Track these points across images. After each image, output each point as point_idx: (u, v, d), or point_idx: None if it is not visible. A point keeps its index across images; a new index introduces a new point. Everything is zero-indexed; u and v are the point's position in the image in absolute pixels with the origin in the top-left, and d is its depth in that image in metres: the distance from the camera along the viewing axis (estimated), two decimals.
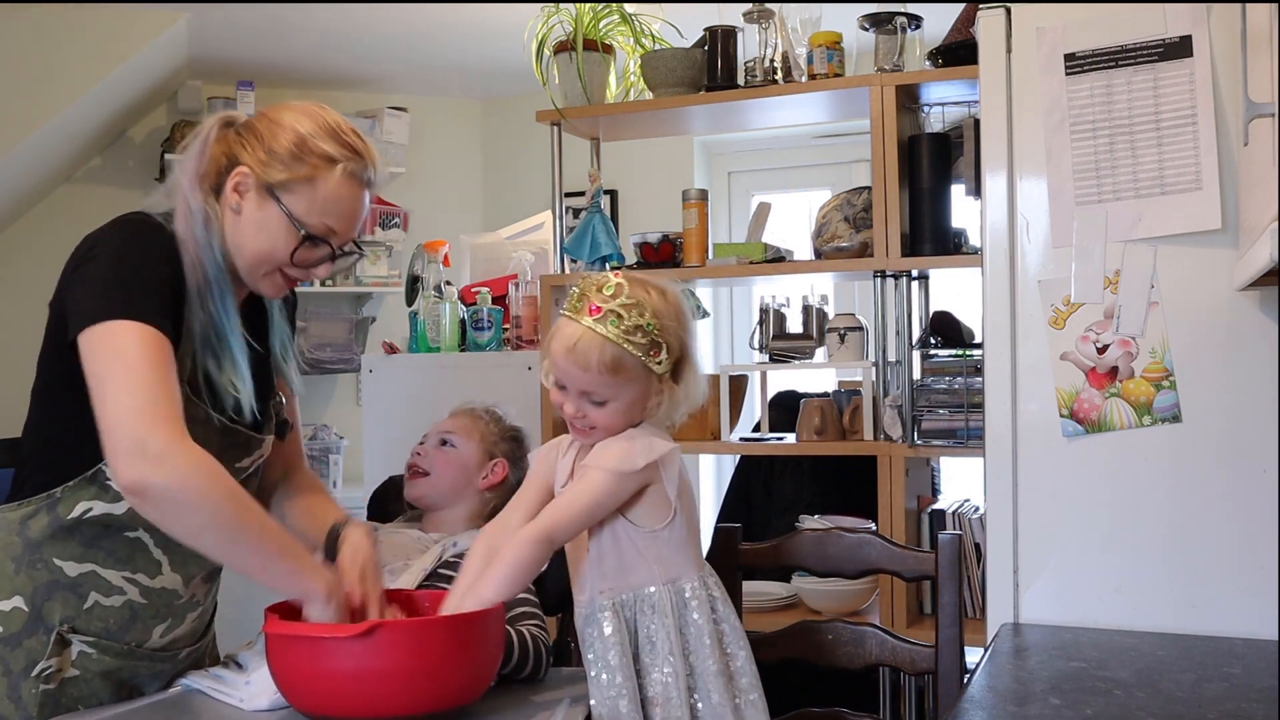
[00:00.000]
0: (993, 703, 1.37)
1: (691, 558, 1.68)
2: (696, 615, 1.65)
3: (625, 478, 1.60)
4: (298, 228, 1.64)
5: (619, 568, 1.65)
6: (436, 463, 2.12)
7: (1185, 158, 1.66)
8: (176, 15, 3.97)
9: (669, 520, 1.64)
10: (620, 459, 1.60)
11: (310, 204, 1.64)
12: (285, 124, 1.66)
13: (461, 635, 1.56)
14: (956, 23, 2.74)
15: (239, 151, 1.66)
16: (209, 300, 1.62)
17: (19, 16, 3.82)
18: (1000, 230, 1.78)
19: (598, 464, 1.62)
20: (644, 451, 1.60)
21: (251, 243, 1.65)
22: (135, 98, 4.44)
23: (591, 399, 1.62)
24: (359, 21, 4.13)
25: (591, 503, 1.61)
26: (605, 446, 1.64)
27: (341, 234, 1.68)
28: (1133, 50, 1.69)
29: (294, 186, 1.64)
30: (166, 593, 1.68)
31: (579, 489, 1.63)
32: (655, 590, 1.64)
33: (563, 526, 1.62)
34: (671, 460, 1.63)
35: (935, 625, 1.90)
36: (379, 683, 1.49)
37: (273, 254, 1.66)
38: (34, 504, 1.62)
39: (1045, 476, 1.74)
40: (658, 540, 1.64)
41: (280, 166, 1.63)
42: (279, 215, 1.64)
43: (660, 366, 1.62)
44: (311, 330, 4.75)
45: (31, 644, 1.61)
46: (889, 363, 2.79)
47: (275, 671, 1.56)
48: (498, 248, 3.67)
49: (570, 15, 3.06)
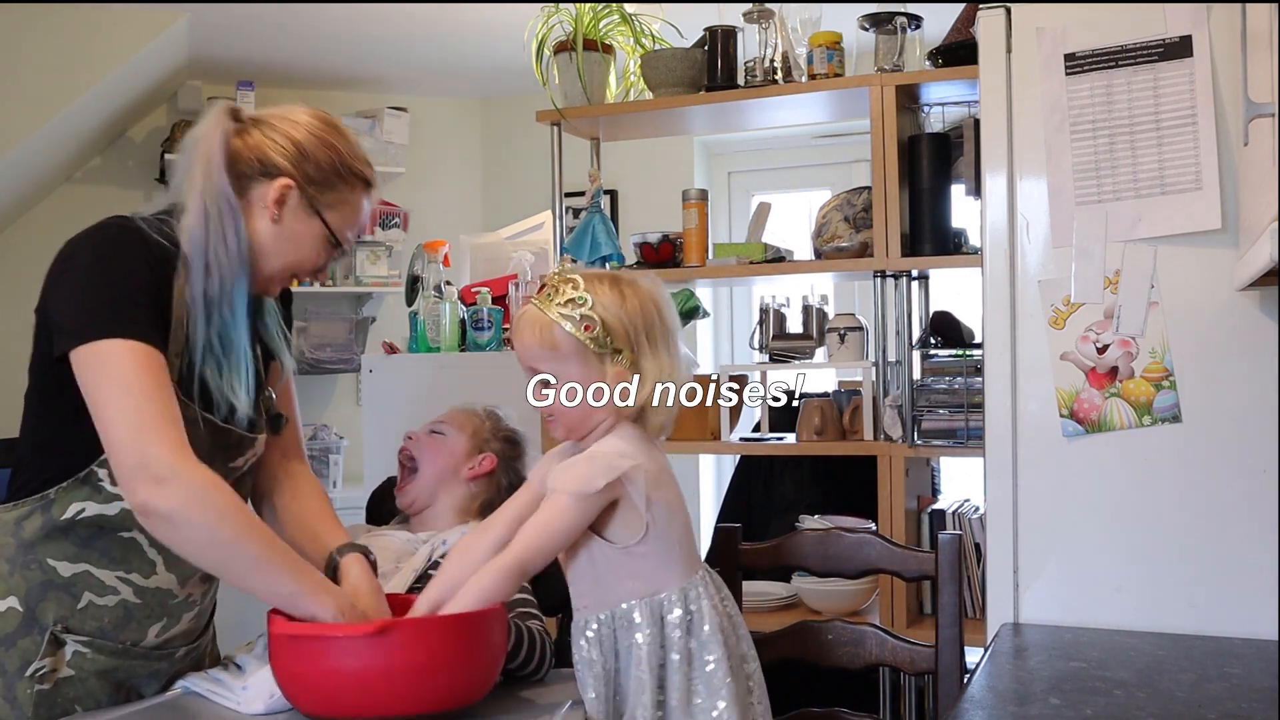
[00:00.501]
0: (993, 703, 1.37)
1: (675, 569, 1.65)
2: (675, 629, 1.62)
3: (587, 499, 1.59)
4: (334, 243, 1.71)
5: (596, 585, 1.64)
6: (425, 451, 2.12)
7: (1185, 158, 1.66)
8: (176, 15, 3.97)
9: (641, 535, 1.62)
10: (580, 481, 1.59)
11: (344, 220, 1.71)
12: (320, 137, 1.68)
13: (471, 633, 1.56)
14: (956, 23, 2.74)
15: (274, 158, 1.65)
16: (222, 306, 1.62)
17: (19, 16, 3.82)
18: (1000, 230, 1.78)
19: (560, 487, 1.60)
20: (604, 471, 1.58)
21: (285, 253, 1.69)
22: (135, 98, 4.44)
23: (541, 377, 1.65)
24: (359, 21, 4.14)
25: (559, 529, 1.60)
26: (566, 467, 1.62)
27: (351, 240, 1.76)
28: (1133, 50, 1.69)
29: (336, 204, 1.70)
30: (161, 592, 1.68)
31: (545, 516, 1.61)
32: (630, 608, 1.63)
33: (533, 557, 1.61)
34: (636, 476, 1.60)
35: (935, 625, 1.90)
36: (390, 682, 1.49)
37: (302, 264, 1.71)
38: (28, 505, 1.62)
39: (1045, 476, 1.74)
40: (633, 556, 1.62)
41: (326, 185, 1.68)
42: (319, 230, 1.69)
43: (599, 346, 1.61)
44: (311, 330, 4.75)
45: (26, 644, 1.60)
46: (889, 363, 2.79)
47: (281, 673, 1.56)
48: (498, 248, 3.67)
49: (570, 15, 3.06)
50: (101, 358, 1.51)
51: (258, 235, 1.66)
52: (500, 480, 2.13)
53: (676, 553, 1.66)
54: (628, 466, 1.60)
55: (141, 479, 1.49)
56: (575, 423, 1.65)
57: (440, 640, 1.54)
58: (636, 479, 1.60)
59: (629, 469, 1.60)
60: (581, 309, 1.61)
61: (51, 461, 1.62)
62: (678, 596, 1.64)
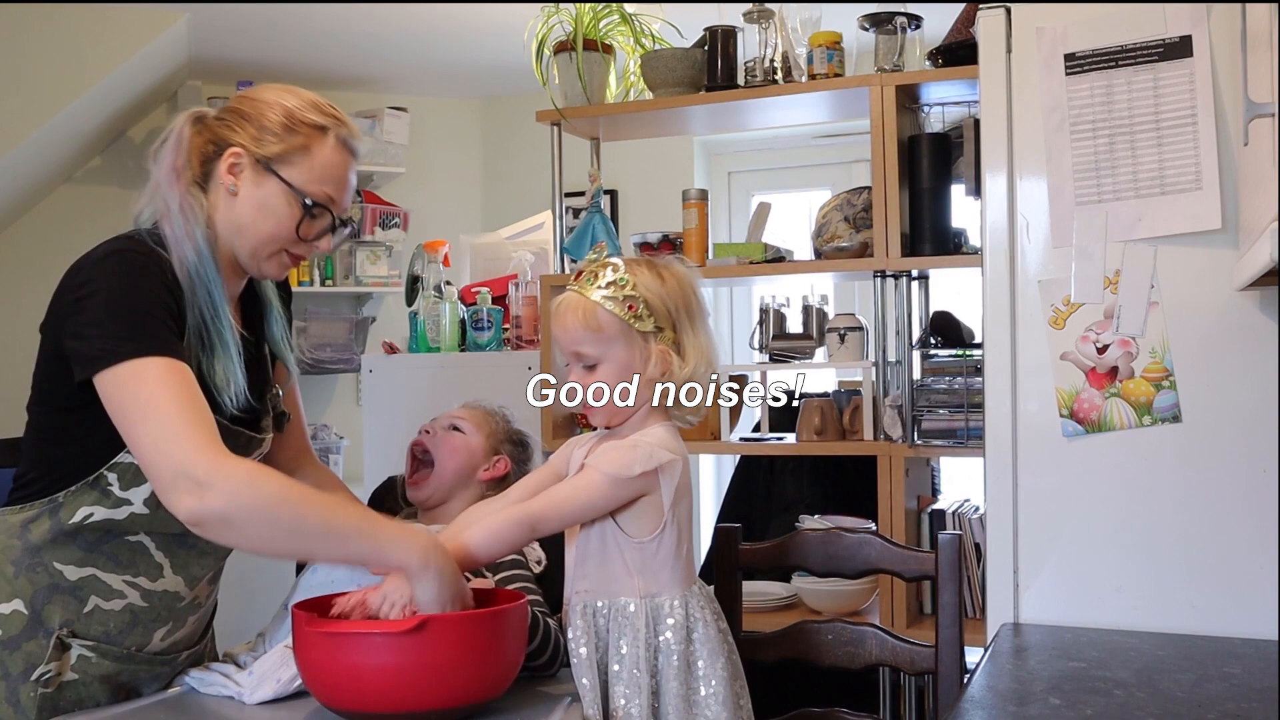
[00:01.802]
0: (993, 703, 1.37)
1: (678, 576, 1.66)
2: (669, 635, 1.63)
3: (621, 483, 1.61)
4: (300, 197, 1.65)
5: (599, 571, 1.65)
6: (443, 446, 2.11)
7: (1185, 158, 1.66)
8: (176, 15, 3.97)
9: (658, 532, 1.63)
10: (618, 464, 1.61)
11: (309, 173, 1.65)
12: (270, 101, 1.67)
13: (503, 628, 1.57)
14: (956, 23, 2.74)
15: (227, 134, 1.65)
16: (195, 292, 1.61)
17: (19, 16, 3.82)
18: (1000, 230, 1.78)
19: (597, 465, 1.62)
20: (644, 459, 1.61)
21: (255, 224, 1.65)
22: (135, 98, 4.44)
23: (584, 363, 1.66)
24: (359, 21, 4.14)
25: (584, 503, 1.62)
26: (609, 449, 1.64)
27: (339, 202, 1.69)
28: (1133, 50, 1.69)
29: (291, 158, 1.65)
30: (168, 595, 1.68)
31: (575, 486, 1.64)
32: (629, 603, 1.64)
33: (550, 519, 1.63)
34: (671, 471, 1.63)
35: (935, 625, 1.90)
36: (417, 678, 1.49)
37: (278, 232, 1.66)
38: (36, 507, 1.62)
39: (1045, 476, 1.74)
40: (643, 551, 1.63)
41: (274, 140, 1.64)
42: (279, 189, 1.64)
43: (642, 324, 1.64)
44: (311, 330, 4.75)
45: (31, 647, 1.60)
46: (889, 363, 2.79)
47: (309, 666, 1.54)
48: (498, 248, 3.67)
49: (570, 15, 3.06)
50: (124, 381, 1.50)
51: (226, 213, 1.65)
52: (511, 480, 2.14)
53: (680, 561, 1.67)
54: (666, 460, 1.62)
55: (182, 490, 1.46)
56: (613, 411, 1.68)
57: (471, 637, 1.53)
58: (671, 474, 1.63)
59: (667, 462, 1.62)
60: (623, 290, 1.64)
61: (59, 465, 1.62)
62: (679, 602, 1.65)
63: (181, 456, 1.46)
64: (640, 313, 1.64)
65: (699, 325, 1.69)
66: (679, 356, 1.67)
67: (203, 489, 1.45)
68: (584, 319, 1.64)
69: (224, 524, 1.48)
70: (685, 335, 1.68)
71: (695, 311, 1.69)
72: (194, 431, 1.48)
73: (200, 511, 1.46)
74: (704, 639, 1.66)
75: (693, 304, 1.69)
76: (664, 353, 1.66)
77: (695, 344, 1.68)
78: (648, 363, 1.65)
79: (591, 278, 1.66)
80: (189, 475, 1.45)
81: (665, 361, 1.65)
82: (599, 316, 1.64)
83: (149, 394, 1.49)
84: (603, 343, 1.65)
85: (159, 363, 1.51)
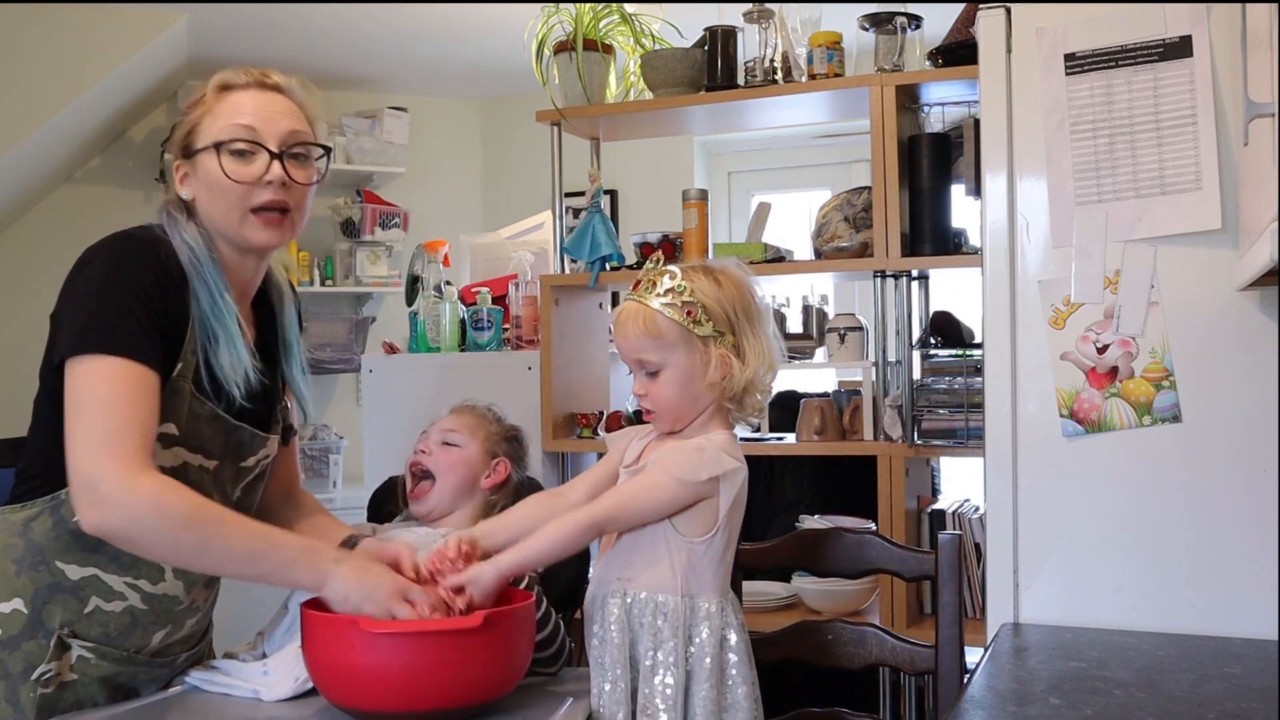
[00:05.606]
0: (993, 703, 1.37)
1: (717, 582, 1.68)
2: (706, 634, 1.65)
3: (689, 487, 1.63)
4: (215, 147, 1.65)
5: (645, 563, 1.66)
6: (441, 463, 2.11)
7: (1185, 158, 1.66)
8: (176, 15, 3.97)
9: (710, 535, 1.65)
10: (687, 468, 1.63)
11: (215, 125, 1.67)
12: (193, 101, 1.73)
13: (515, 626, 1.59)
14: (956, 23, 2.74)
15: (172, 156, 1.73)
16: (196, 282, 1.64)
17: (19, 16, 3.82)
18: (1000, 230, 1.78)
19: (665, 468, 1.64)
20: (712, 464, 1.63)
21: (210, 200, 1.67)
22: (135, 98, 4.44)
23: (646, 370, 1.69)
24: (359, 21, 4.14)
25: (650, 503, 1.64)
26: (674, 451, 1.66)
27: (262, 130, 1.66)
28: (1133, 50, 1.69)
29: (200, 129, 1.67)
30: (168, 599, 1.68)
31: (643, 486, 1.65)
32: (668, 600, 1.64)
33: (618, 521, 1.66)
34: (733, 479, 1.65)
35: (935, 625, 1.90)
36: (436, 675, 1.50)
37: (226, 192, 1.65)
38: (38, 506, 1.62)
39: (1045, 476, 1.74)
40: (692, 552, 1.65)
41: (185, 127, 1.69)
42: (205, 158, 1.66)
43: (701, 329, 1.66)
44: (311, 330, 4.75)
45: (30, 647, 1.60)
46: (889, 363, 2.79)
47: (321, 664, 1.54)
48: (498, 248, 3.67)
49: (570, 15, 3.06)
50: (77, 374, 1.53)
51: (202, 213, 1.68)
52: (513, 481, 2.13)
53: (724, 567, 1.69)
54: (731, 467, 1.64)
55: (85, 502, 1.50)
56: (677, 414, 1.70)
57: (482, 637, 1.53)
58: (734, 481, 1.65)
59: (731, 469, 1.64)
60: (682, 296, 1.66)
61: (61, 463, 1.61)
62: (715, 607, 1.66)
63: (93, 468, 1.49)
64: (699, 318, 1.66)
65: (758, 328, 1.71)
66: (739, 360, 1.68)
67: (104, 504, 1.48)
68: (645, 327, 1.66)
69: (125, 540, 1.53)
70: (745, 338, 1.69)
71: (754, 314, 1.71)
72: (118, 443, 1.49)
73: (100, 526, 1.50)
74: (735, 646, 1.68)
75: (750, 307, 1.71)
76: (724, 356, 1.67)
77: (755, 347, 1.69)
78: (708, 367, 1.67)
79: (650, 286, 1.68)
80: (94, 488, 1.48)
81: (725, 365, 1.67)
82: (659, 323, 1.66)
83: (92, 394, 1.51)
84: (664, 349, 1.67)
85: (116, 363, 1.52)
